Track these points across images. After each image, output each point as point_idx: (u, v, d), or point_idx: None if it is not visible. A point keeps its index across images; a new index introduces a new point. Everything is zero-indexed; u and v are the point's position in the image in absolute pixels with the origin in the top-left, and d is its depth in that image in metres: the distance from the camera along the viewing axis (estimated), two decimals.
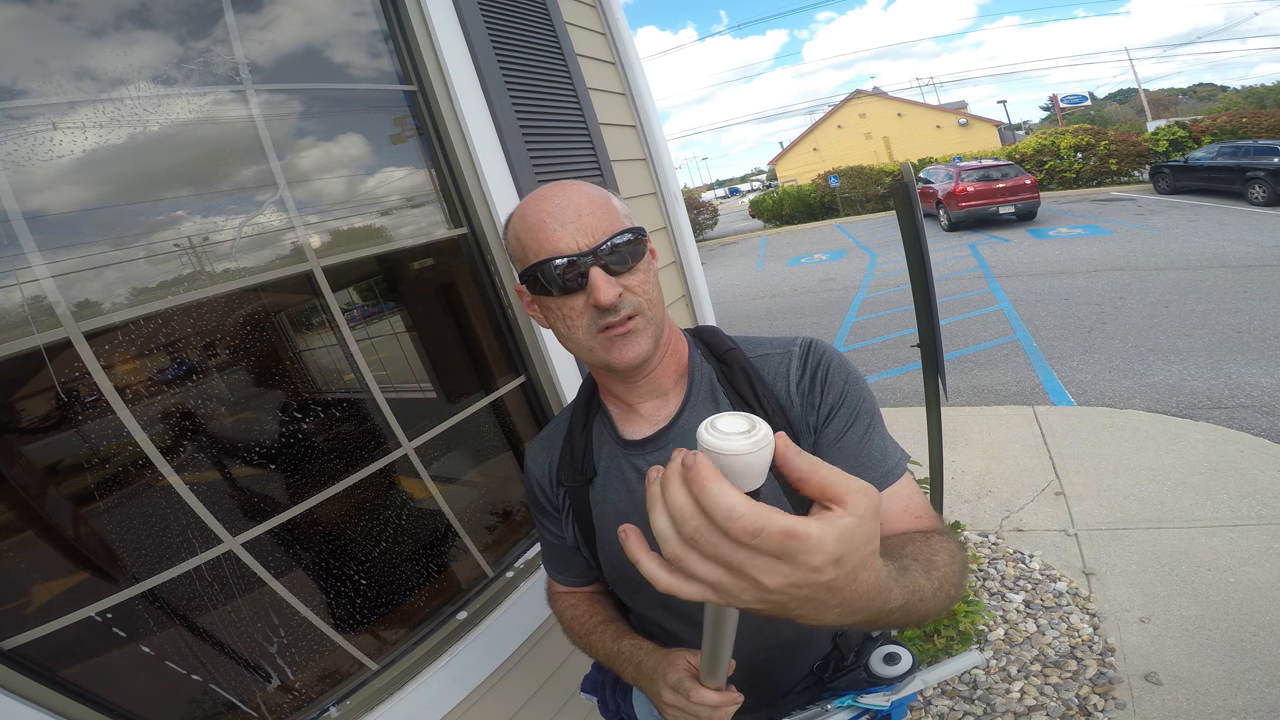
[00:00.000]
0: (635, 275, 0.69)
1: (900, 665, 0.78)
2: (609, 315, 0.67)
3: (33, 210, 0.91)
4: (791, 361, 0.75)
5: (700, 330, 0.84)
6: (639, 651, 0.76)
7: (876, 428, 0.73)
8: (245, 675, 1.13)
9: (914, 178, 2.13)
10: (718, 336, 0.81)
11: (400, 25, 1.44)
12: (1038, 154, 15.90)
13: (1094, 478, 3.05)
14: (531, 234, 0.68)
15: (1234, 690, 1.79)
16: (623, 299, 0.67)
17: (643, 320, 0.69)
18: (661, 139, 2.33)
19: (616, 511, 0.78)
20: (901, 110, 31.56)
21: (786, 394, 0.74)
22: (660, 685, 0.68)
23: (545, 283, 0.68)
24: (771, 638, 0.79)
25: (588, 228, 0.67)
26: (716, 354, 0.79)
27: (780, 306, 8.74)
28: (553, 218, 0.67)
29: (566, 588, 0.94)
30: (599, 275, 0.66)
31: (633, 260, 0.69)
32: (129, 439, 0.94)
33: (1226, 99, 36.53)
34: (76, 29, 0.99)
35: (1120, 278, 6.84)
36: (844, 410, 0.72)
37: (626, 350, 0.69)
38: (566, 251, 0.66)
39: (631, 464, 0.77)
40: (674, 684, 0.66)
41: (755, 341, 0.80)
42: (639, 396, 0.78)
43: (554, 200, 0.68)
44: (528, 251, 0.69)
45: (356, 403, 1.40)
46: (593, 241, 0.66)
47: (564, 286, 0.67)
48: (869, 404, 0.73)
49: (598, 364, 0.72)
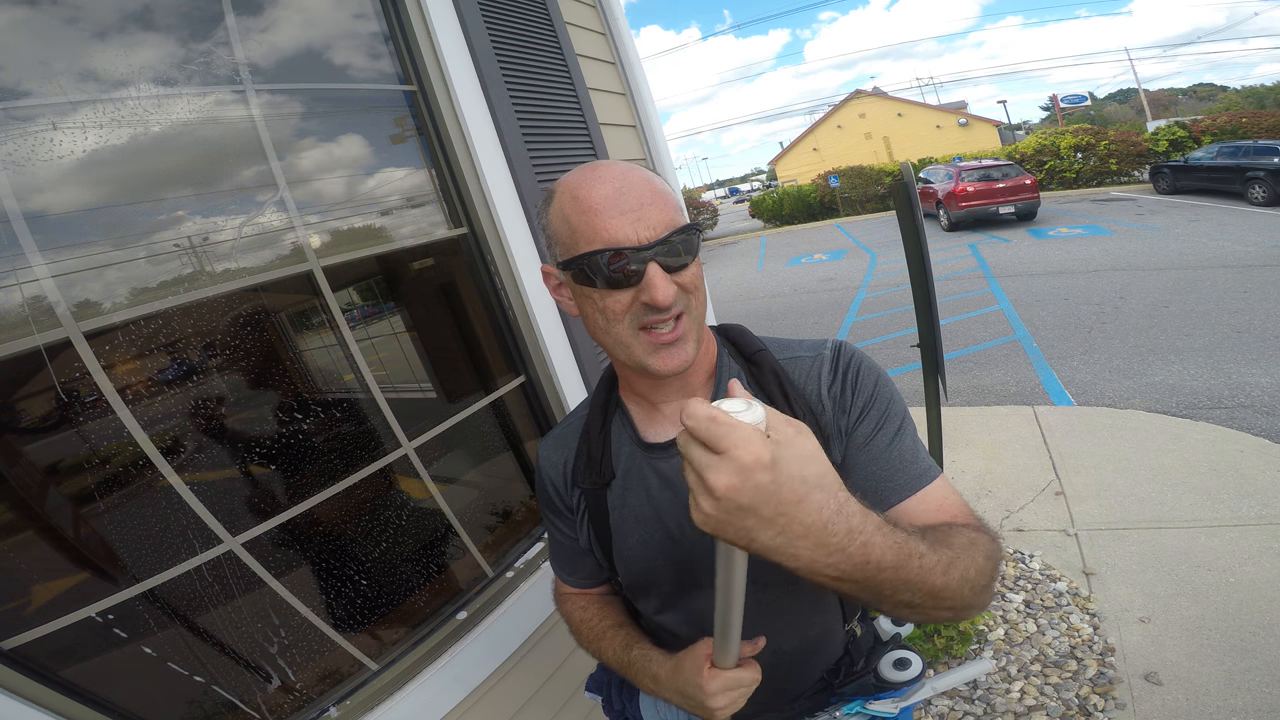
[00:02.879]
0: (689, 272, 0.65)
1: (911, 670, 0.78)
2: (658, 314, 0.63)
3: (33, 210, 0.91)
4: (823, 365, 0.72)
5: (727, 328, 0.82)
6: (650, 664, 0.75)
7: (907, 431, 0.71)
8: (245, 675, 1.13)
9: (914, 178, 2.14)
10: (746, 336, 0.79)
11: (400, 25, 1.44)
12: (1038, 154, 15.90)
13: (1094, 478, 3.05)
14: (585, 218, 0.62)
15: (1234, 690, 1.79)
16: (676, 298, 0.63)
17: (689, 321, 0.66)
18: (662, 139, 2.33)
19: (636, 516, 0.76)
20: (901, 110, 31.56)
21: (818, 398, 0.72)
22: (700, 694, 0.66)
23: (592, 273, 0.63)
24: (781, 644, 0.78)
25: (649, 219, 0.62)
26: (745, 354, 0.76)
27: (780, 306, 8.74)
28: (612, 203, 0.61)
29: (575, 589, 0.93)
30: (657, 273, 0.61)
31: (687, 255, 0.64)
32: (129, 439, 0.94)
33: (1226, 99, 36.52)
34: (77, 30, 0.99)
35: (1120, 278, 6.84)
36: (873, 413, 0.70)
37: (671, 358, 0.65)
38: (625, 243, 0.61)
39: (653, 468, 0.75)
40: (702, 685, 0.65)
41: (784, 343, 0.78)
42: (665, 396, 0.75)
43: (613, 183, 0.63)
44: (578, 236, 0.63)
45: (356, 403, 1.40)
46: (654, 235, 0.61)
47: (615, 280, 0.62)
48: (898, 407, 0.71)
49: (633, 364, 0.68)
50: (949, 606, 0.55)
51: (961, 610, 0.56)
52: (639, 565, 0.78)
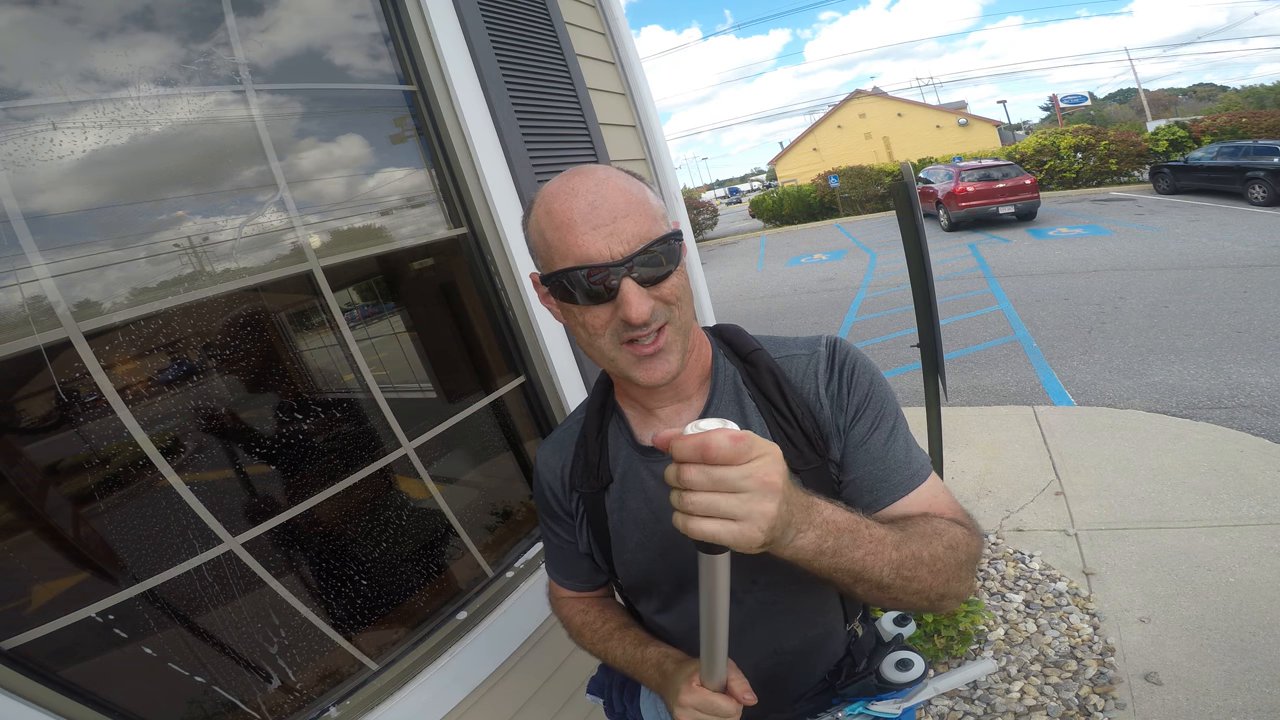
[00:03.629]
0: (669, 282, 0.64)
1: (913, 671, 0.78)
2: (636, 330, 0.62)
3: (33, 210, 0.91)
4: (820, 363, 0.72)
5: (722, 329, 0.81)
6: (667, 661, 0.75)
7: (900, 430, 0.71)
8: (245, 675, 1.13)
9: (914, 178, 2.14)
10: (741, 336, 0.79)
11: (400, 26, 1.44)
12: (1038, 154, 15.89)
13: (1094, 478, 3.05)
14: (558, 233, 0.61)
15: (1234, 690, 1.79)
16: (654, 312, 0.62)
17: (673, 331, 0.65)
18: (662, 139, 2.33)
19: (635, 519, 0.76)
20: (901, 110, 31.56)
21: (816, 396, 0.71)
22: (670, 692, 0.67)
23: (570, 288, 0.62)
24: (783, 644, 0.79)
25: (622, 233, 0.60)
26: (741, 354, 0.76)
27: (780, 306, 8.74)
28: (584, 218, 0.60)
29: (573, 593, 0.93)
30: (631, 289, 0.60)
31: (668, 264, 0.63)
32: (129, 439, 0.94)
33: (1226, 99, 36.53)
34: (77, 30, 0.99)
35: (1120, 278, 6.83)
36: (869, 412, 0.70)
37: (654, 370, 0.65)
38: (597, 260, 0.60)
39: (650, 470, 0.75)
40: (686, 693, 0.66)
41: (779, 342, 0.77)
42: (659, 401, 0.75)
43: (585, 197, 0.61)
44: (553, 253, 0.63)
45: (356, 403, 1.40)
46: (627, 249, 0.60)
47: (593, 294, 0.62)
48: (892, 406, 0.72)
49: (618, 375, 0.69)
50: (916, 590, 0.59)
51: (932, 596, 0.60)
52: (638, 567, 0.78)
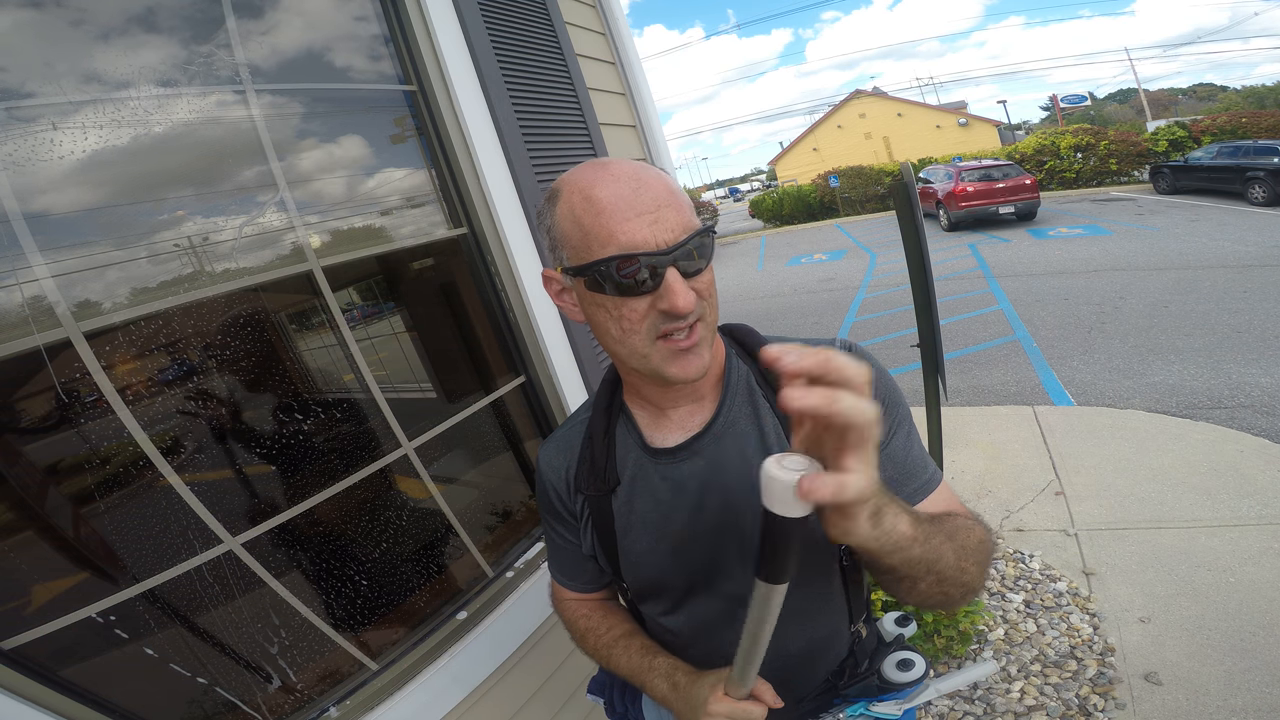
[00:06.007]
0: (704, 276, 0.62)
1: (914, 671, 0.78)
2: (675, 322, 0.60)
3: (34, 211, 0.91)
4: None
5: (734, 328, 0.80)
6: (677, 672, 0.74)
7: (914, 434, 0.71)
8: (245, 675, 1.13)
9: (914, 178, 2.14)
10: (752, 335, 0.77)
11: (400, 26, 1.44)
12: (1038, 154, 15.88)
13: (1094, 478, 3.05)
14: (599, 219, 0.58)
15: (1234, 690, 1.79)
16: (694, 305, 0.61)
17: (704, 327, 0.63)
18: (662, 139, 2.33)
19: (644, 522, 0.75)
20: (901, 110, 31.57)
21: None
22: (701, 712, 0.67)
23: (604, 279, 0.59)
24: (790, 647, 0.78)
25: (667, 221, 0.58)
26: (753, 353, 0.75)
27: (780, 306, 8.74)
28: (628, 204, 0.58)
29: (575, 595, 0.92)
30: (677, 279, 0.58)
31: (702, 259, 0.61)
32: (129, 439, 0.94)
33: (1226, 99, 36.53)
34: (79, 31, 0.99)
35: (1120, 278, 6.83)
36: (887, 415, 0.69)
37: (689, 365, 0.63)
38: (643, 247, 0.57)
39: (660, 473, 0.74)
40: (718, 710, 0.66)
41: (790, 342, 0.77)
42: (673, 401, 0.73)
43: (627, 182, 0.59)
44: (590, 239, 0.59)
45: (356, 403, 1.40)
46: (673, 238, 0.58)
47: (630, 286, 0.59)
48: (905, 408, 0.72)
49: (648, 371, 0.65)
50: (963, 583, 0.59)
51: (974, 588, 0.61)
52: (647, 571, 0.77)
